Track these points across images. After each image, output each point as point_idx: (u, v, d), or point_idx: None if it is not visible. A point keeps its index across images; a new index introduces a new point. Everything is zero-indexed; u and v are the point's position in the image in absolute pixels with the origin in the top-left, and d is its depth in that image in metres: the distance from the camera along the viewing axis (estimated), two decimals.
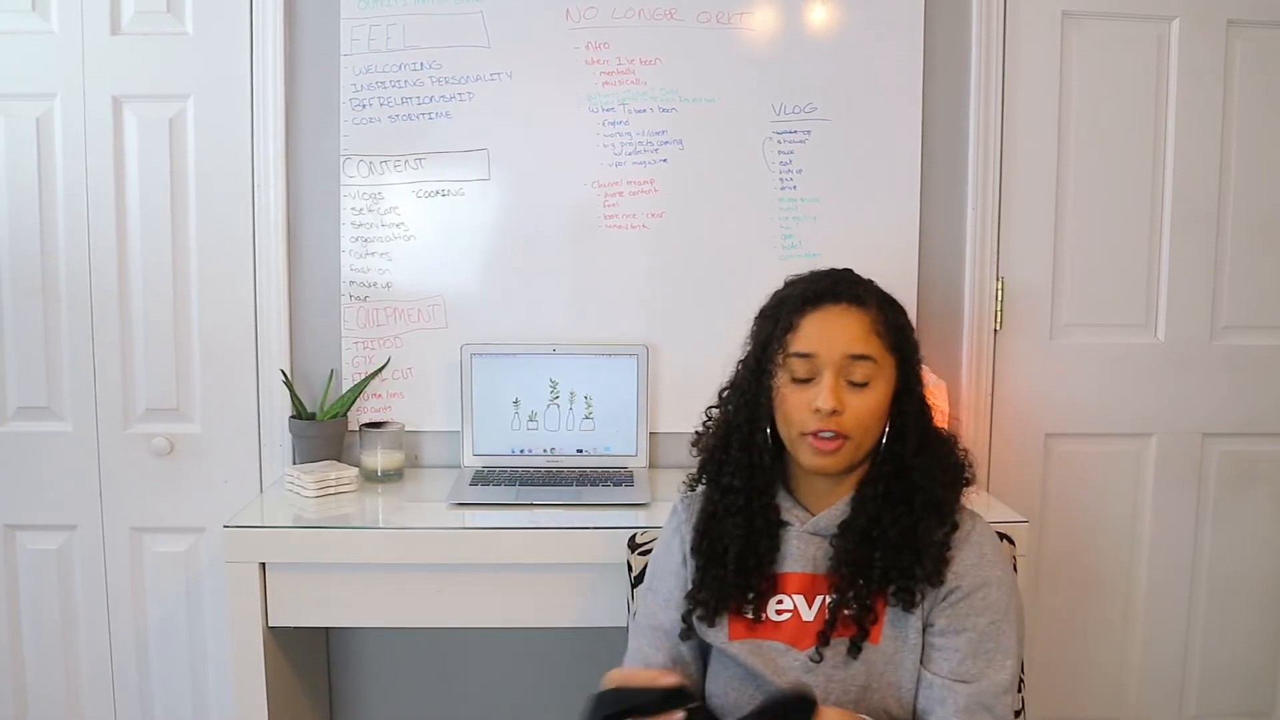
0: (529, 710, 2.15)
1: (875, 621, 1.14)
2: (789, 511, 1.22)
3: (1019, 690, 1.41)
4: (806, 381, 1.16)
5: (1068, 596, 2.12)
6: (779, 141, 2.01)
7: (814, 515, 1.21)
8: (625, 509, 1.74)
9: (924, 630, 1.15)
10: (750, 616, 1.18)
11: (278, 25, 1.96)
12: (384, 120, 1.99)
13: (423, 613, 1.70)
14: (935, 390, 1.88)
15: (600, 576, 1.63)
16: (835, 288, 1.19)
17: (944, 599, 1.14)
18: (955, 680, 1.12)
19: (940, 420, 1.27)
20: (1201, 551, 2.13)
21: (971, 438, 2.05)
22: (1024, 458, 2.09)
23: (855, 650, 1.13)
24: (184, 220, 2.00)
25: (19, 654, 2.08)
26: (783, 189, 2.01)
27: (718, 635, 1.19)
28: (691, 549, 1.23)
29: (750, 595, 1.18)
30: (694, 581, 1.22)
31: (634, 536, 1.54)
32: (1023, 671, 1.44)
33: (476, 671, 2.15)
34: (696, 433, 1.29)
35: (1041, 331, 2.07)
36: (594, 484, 1.85)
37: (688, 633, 1.21)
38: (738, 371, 1.26)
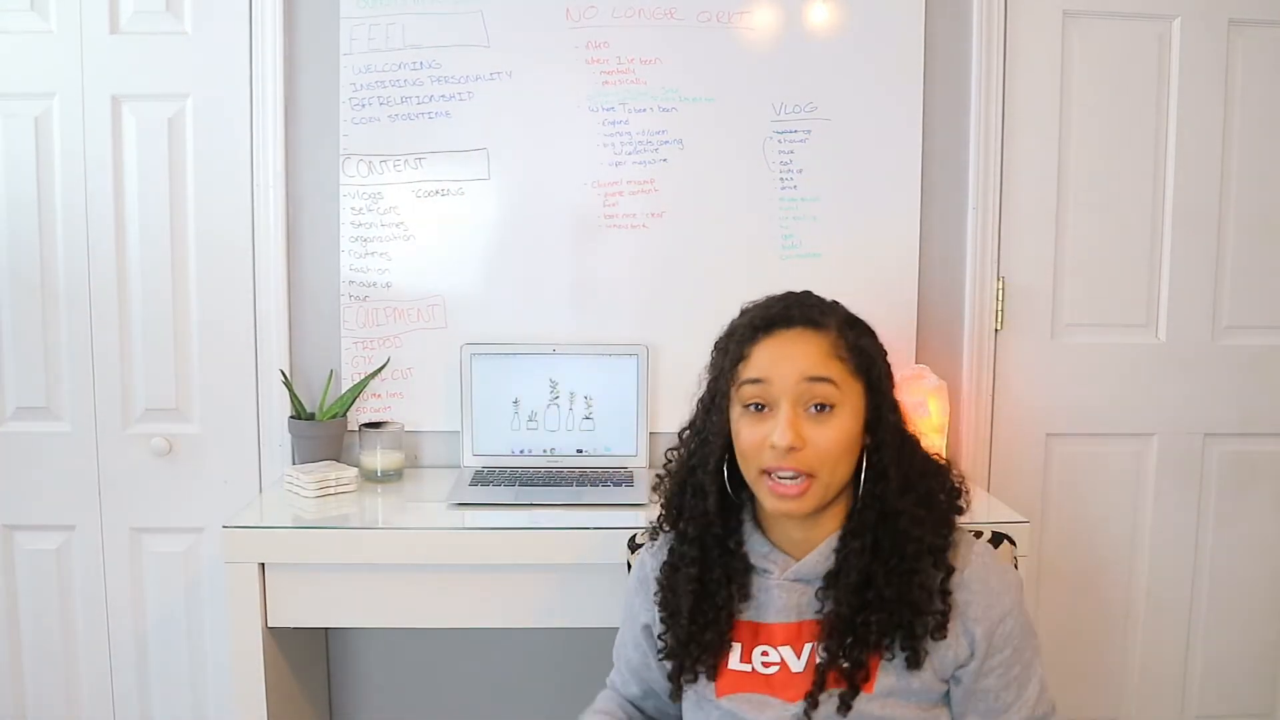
0: (529, 710, 2.15)
1: (867, 679, 1.07)
2: (765, 558, 1.14)
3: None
4: (762, 411, 1.08)
5: (1068, 597, 2.11)
6: (779, 141, 2.00)
7: (795, 560, 1.13)
8: (625, 509, 1.74)
9: (947, 681, 1.10)
10: (709, 676, 1.12)
11: (277, 24, 1.95)
12: (384, 120, 1.98)
13: (423, 613, 1.70)
14: (936, 391, 1.89)
15: (600, 577, 1.63)
16: (788, 312, 1.10)
17: (964, 663, 1.08)
18: (995, 715, 1.09)
19: (928, 444, 1.18)
20: (1202, 552, 2.13)
21: (972, 438, 2.05)
22: (1025, 458, 2.08)
23: (845, 707, 1.06)
24: (183, 220, 2.00)
25: (18, 654, 2.07)
26: (783, 189, 2.01)
27: (705, 690, 1.14)
28: (657, 602, 1.18)
29: (704, 655, 1.12)
30: (660, 638, 1.18)
31: (634, 537, 1.53)
32: None
33: (476, 671, 2.15)
34: (658, 476, 1.23)
35: (1042, 331, 2.07)
36: (594, 484, 1.84)
37: (676, 693, 1.17)
38: (695, 409, 1.18)
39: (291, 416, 1.97)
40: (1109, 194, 2.05)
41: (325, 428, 1.95)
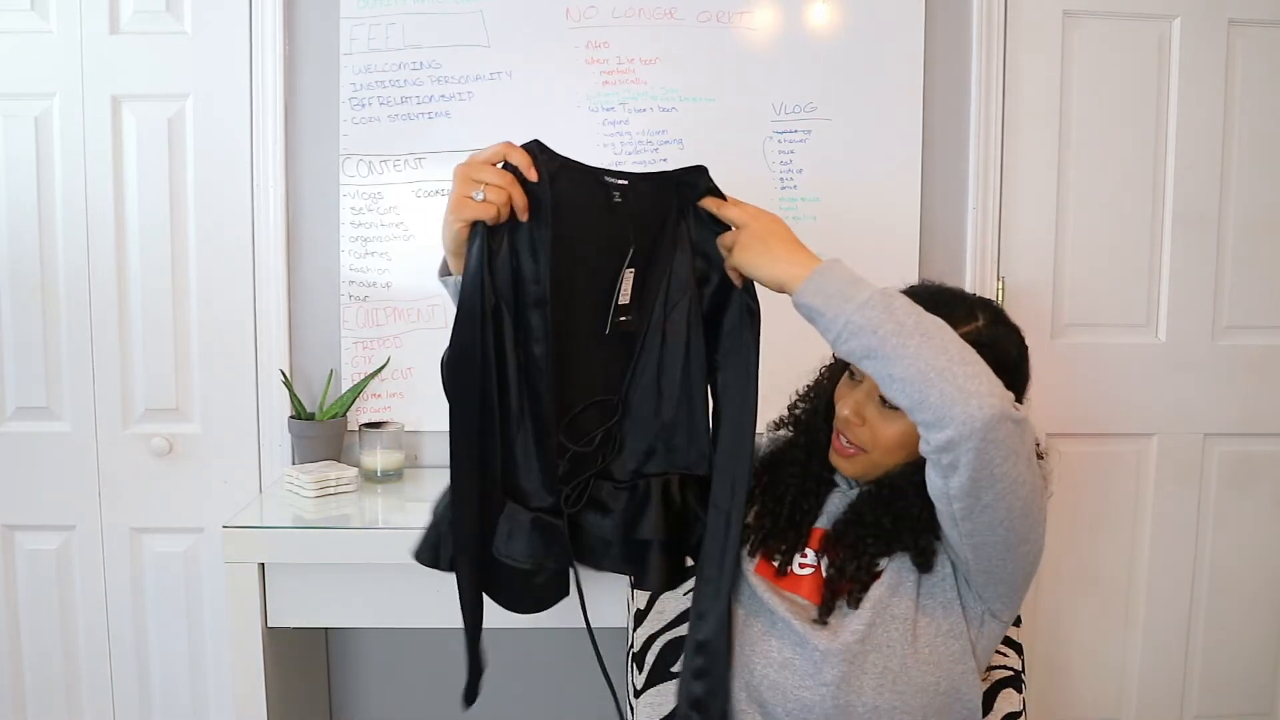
0: (528, 710, 2.15)
1: (877, 576, 1.18)
2: (840, 476, 1.28)
3: (1020, 691, 1.41)
4: (855, 379, 1.21)
5: (1068, 597, 2.12)
6: (779, 141, 2.00)
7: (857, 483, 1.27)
8: None
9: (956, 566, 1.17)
10: (776, 565, 1.22)
11: (277, 24, 1.96)
12: (384, 120, 1.98)
13: (422, 613, 1.70)
14: None
15: (600, 576, 1.62)
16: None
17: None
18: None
19: None
20: (1202, 551, 2.13)
21: None
22: None
23: (855, 601, 1.16)
24: (183, 220, 2.00)
25: (18, 654, 2.07)
26: (783, 189, 2.01)
27: (746, 564, 1.24)
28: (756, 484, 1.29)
29: (783, 547, 1.23)
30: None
31: None
32: (1024, 672, 1.44)
33: None
34: (806, 387, 1.36)
35: (1042, 331, 2.07)
36: None
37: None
38: None
39: (291, 416, 1.97)
40: (1109, 194, 2.05)
41: (325, 428, 1.95)
